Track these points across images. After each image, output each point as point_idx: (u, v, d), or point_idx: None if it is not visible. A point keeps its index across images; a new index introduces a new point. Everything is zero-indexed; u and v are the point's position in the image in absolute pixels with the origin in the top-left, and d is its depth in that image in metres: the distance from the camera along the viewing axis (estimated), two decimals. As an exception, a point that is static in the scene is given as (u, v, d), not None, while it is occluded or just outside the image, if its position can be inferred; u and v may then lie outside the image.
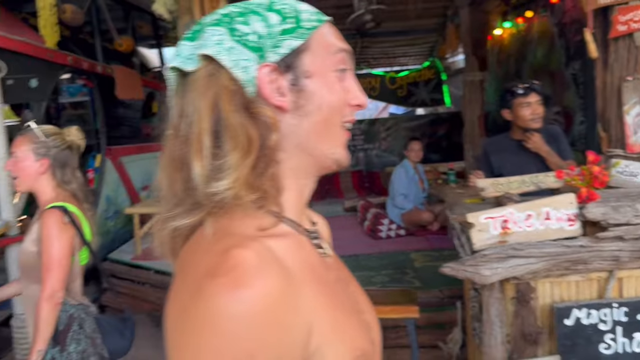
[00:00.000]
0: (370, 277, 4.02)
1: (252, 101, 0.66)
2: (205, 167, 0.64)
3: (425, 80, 9.09)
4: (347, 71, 0.74)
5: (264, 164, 0.65)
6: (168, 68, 0.72)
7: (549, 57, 5.84)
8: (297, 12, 0.70)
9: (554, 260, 2.03)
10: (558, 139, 3.01)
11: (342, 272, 0.80)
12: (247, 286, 0.55)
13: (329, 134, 0.72)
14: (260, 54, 0.67)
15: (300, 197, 0.74)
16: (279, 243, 0.64)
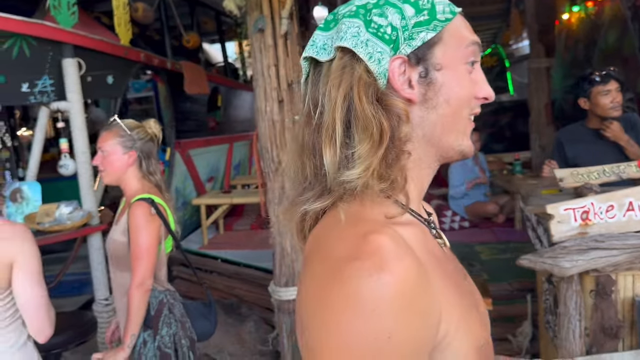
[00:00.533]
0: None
1: (384, 93, 0.67)
2: (337, 155, 0.66)
3: (488, 68, 8.83)
4: (476, 63, 0.74)
5: (394, 155, 0.67)
6: (302, 57, 0.74)
7: (621, 42, 5.56)
8: (432, 3, 0.70)
9: (637, 252, 1.96)
10: (636, 127, 2.89)
11: (457, 263, 0.81)
12: (387, 270, 0.56)
13: (456, 126, 0.72)
14: (394, 46, 0.68)
15: (421, 187, 0.75)
16: (407, 231, 0.66)
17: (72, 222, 3.18)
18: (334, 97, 0.67)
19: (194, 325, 2.10)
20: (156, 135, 2.21)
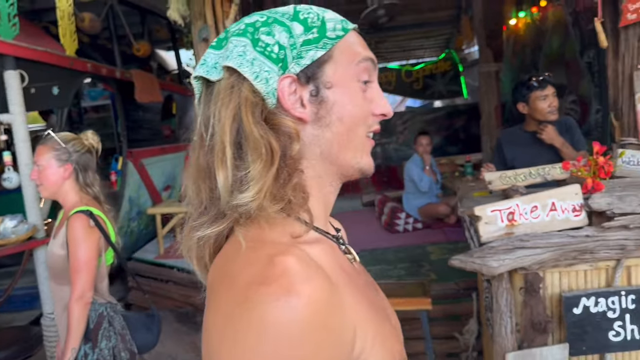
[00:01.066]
0: (387, 271, 4.07)
1: (273, 112, 0.67)
2: (230, 178, 0.65)
3: (442, 72, 9.07)
4: (370, 81, 0.73)
5: (287, 174, 0.65)
6: (193, 77, 0.72)
7: (564, 47, 5.79)
8: (322, 21, 0.69)
9: (560, 250, 2.07)
10: (572, 129, 3.02)
11: (368, 277, 0.80)
12: (295, 293, 0.55)
13: (352, 144, 0.71)
14: (282, 65, 0.67)
15: (325, 204, 0.73)
16: (315, 249, 0.65)
17: (16, 235, 3.12)
18: (222, 118, 0.66)
19: (135, 338, 2.11)
20: (94, 147, 2.20)
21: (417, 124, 8.70)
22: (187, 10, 3.13)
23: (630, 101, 3.28)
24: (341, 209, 7.10)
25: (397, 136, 8.84)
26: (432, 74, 9.10)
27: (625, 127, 3.36)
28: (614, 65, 3.45)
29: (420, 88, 9.20)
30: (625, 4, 3.20)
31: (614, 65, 3.45)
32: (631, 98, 3.27)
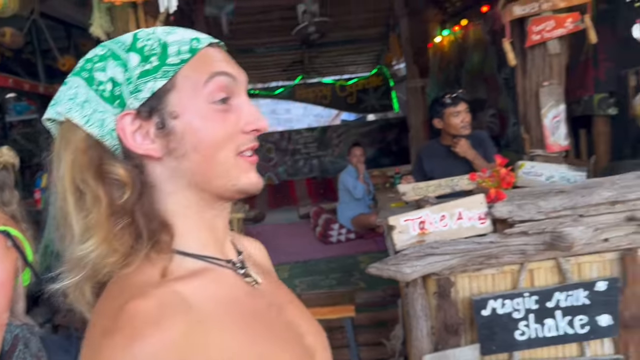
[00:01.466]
0: (319, 282, 4.16)
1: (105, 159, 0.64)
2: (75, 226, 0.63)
3: (374, 87, 9.36)
4: (232, 98, 0.68)
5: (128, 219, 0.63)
6: (44, 118, 0.69)
7: (483, 63, 6.16)
8: (163, 46, 0.64)
9: (467, 256, 2.22)
10: (484, 142, 3.22)
11: (277, 296, 0.76)
12: (140, 339, 0.53)
13: (218, 169, 0.66)
14: (119, 103, 0.63)
15: (213, 229, 0.70)
16: (189, 285, 0.62)
17: None
18: (62, 164, 0.64)
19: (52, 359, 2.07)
20: (10, 163, 2.16)
21: (351, 136, 8.91)
22: (111, 27, 3.12)
23: (538, 115, 3.55)
24: (277, 222, 7.17)
25: (332, 149, 9.02)
26: (364, 88, 9.37)
27: (533, 139, 3.63)
28: (522, 82, 3.72)
29: (354, 102, 9.45)
30: (530, 26, 3.47)
31: (522, 82, 3.72)
32: (538, 113, 3.54)
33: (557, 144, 3.45)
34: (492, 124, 6.05)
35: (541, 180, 2.48)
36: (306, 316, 0.79)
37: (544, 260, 2.32)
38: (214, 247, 0.70)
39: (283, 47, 7.99)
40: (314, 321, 0.79)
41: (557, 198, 2.25)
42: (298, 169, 8.98)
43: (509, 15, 3.54)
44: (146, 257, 0.63)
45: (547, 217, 2.20)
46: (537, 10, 3.40)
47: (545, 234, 2.19)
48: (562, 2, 3.31)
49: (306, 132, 9.25)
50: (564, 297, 2.31)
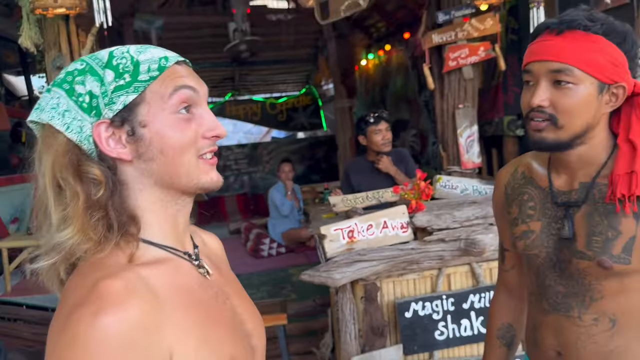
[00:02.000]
0: (251, 295, 4.14)
1: (83, 160, 0.73)
2: (54, 216, 0.72)
3: (304, 106, 9.60)
4: (194, 107, 0.77)
5: (102, 212, 0.72)
6: (28, 120, 0.77)
7: (406, 86, 6.54)
8: (135, 64, 0.74)
9: (392, 262, 2.40)
10: (405, 159, 3.44)
11: (225, 287, 0.85)
12: (108, 313, 0.62)
13: (182, 169, 0.75)
14: (95, 113, 0.73)
15: (174, 223, 0.79)
16: (151, 271, 0.71)
17: None
18: (44, 162, 0.73)
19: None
20: None
21: (282, 153, 9.06)
22: (41, 39, 3.09)
23: (454, 135, 3.87)
24: (207, 238, 7.11)
25: (263, 165, 9.12)
26: (294, 107, 9.59)
27: (450, 157, 3.94)
28: (440, 104, 4.04)
29: (284, 120, 9.64)
30: (447, 53, 3.79)
31: (440, 104, 4.04)
32: (454, 132, 3.86)
33: (470, 161, 3.78)
34: (414, 142, 6.41)
35: (456, 192, 2.72)
36: (249, 306, 0.89)
37: (460, 266, 2.55)
38: (174, 239, 0.79)
39: (214, 64, 8.04)
40: (256, 311, 0.90)
41: (470, 208, 2.49)
42: (229, 184, 8.99)
43: (428, 42, 3.86)
44: (116, 244, 0.72)
45: (461, 225, 2.43)
46: (454, 39, 3.73)
47: (460, 240, 2.41)
48: (475, 32, 3.66)
49: (237, 148, 9.30)
50: (477, 298, 2.54)
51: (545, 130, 1.00)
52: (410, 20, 6.00)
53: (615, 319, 1.03)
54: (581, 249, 1.04)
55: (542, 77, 0.99)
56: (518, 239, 1.15)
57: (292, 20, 6.80)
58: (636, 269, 0.99)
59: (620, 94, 0.99)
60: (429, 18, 3.95)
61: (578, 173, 1.06)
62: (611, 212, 1.00)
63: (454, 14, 3.71)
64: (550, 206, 1.09)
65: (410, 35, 6.09)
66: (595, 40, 0.96)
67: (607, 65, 0.96)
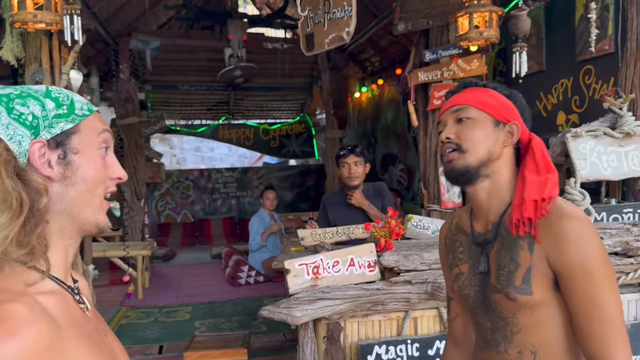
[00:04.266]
0: (220, 324, 4.12)
1: (25, 170, 0.77)
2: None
3: (297, 134, 9.61)
4: (109, 149, 0.87)
5: (33, 223, 0.75)
6: None
7: (396, 121, 6.55)
8: (71, 101, 0.84)
9: (356, 301, 2.32)
10: (382, 193, 3.38)
11: (100, 324, 0.91)
12: (18, 334, 0.65)
13: (92, 202, 0.83)
14: (34, 132, 0.79)
15: (65, 256, 0.84)
16: (47, 299, 0.75)
17: None
18: None
19: None
20: None
21: (272, 179, 9.02)
22: (22, 52, 3.07)
23: (436, 173, 3.84)
24: (189, 261, 7.03)
25: (252, 190, 9.07)
26: (287, 134, 9.59)
27: (431, 195, 3.90)
28: (424, 142, 4.02)
29: (276, 146, 9.63)
30: (433, 92, 3.79)
31: (424, 142, 4.02)
32: (436, 171, 3.83)
33: (451, 200, 3.74)
34: (401, 177, 6.39)
35: (427, 233, 2.67)
36: (119, 344, 0.94)
37: (428, 309, 2.48)
38: (64, 272, 0.84)
39: (209, 87, 8.07)
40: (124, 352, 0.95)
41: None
42: (216, 208, 8.91)
43: (414, 80, 3.86)
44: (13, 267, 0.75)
45: (429, 268, 2.37)
46: (439, 78, 3.73)
47: (427, 283, 2.34)
48: (461, 72, 3.66)
49: (227, 171, 9.26)
50: (444, 345, 2.46)
51: (454, 160, 1.14)
52: (403, 57, 6.05)
53: (535, 350, 1.11)
54: (494, 283, 1.14)
55: (448, 119, 1.18)
56: (453, 281, 1.26)
57: (288, 49, 6.85)
58: (541, 300, 1.07)
59: (515, 130, 1.15)
60: (417, 56, 3.97)
61: (489, 214, 1.18)
62: (513, 246, 1.11)
63: (440, 53, 3.72)
64: (474, 248, 1.21)
65: (402, 71, 6.13)
66: (487, 90, 1.18)
67: (498, 106, 1.15)
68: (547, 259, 1.06)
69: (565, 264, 1.03)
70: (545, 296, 1.07)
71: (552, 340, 1.09)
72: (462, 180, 1.16)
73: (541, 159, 1.12)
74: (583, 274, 1.02)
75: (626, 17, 2.89)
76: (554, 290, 1.07)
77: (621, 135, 2.73)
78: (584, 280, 1.02)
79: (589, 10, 3.15)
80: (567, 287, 1.04)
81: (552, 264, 1.05)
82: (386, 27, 5.48)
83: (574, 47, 3.46)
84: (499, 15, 3.21)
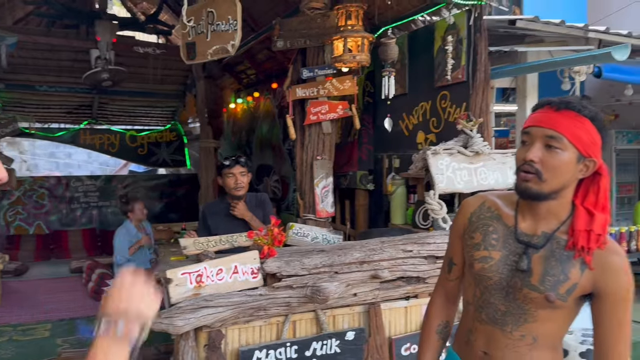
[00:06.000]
0: (86, 341, 3.89)
1: None
2: None
3: (167, 142, 9.33)
4: None
5: None
6: None
7: (271, 133, 6.70)
8: None
9: (239, 308, 2.38)
10: (264, 204, 3.47)
11: None
12: None
13: None
14: None
15: None
16: None
17: None
18: None
19: None
20: None
21: (139, 189, 8.65)
22: None
23: (311, 184, 4.03)
24: (44, 275, 6.46)
25: (116, 200, 8.60)
26: (157, 142, 9.25)
27: (307, 205, 4.08)
28: (300, 154, 4.20)
29: (144, 154, 9.23)
30: (309, 107, 3.99)
31: (300, 154, 4.20)
32: (312, 182, 4.02)
33: (325, 210, 3.95)
34: (276, 188, 6.54)
35: (307, 240, 2.82)
36: None
37: (306, 312, 2.61)
38: None
39: (71, 89, 7.54)
40: None
41: (318, 257, 2.59)
42: (74, 218, 8.30)
43: (292, 95, 4.04)
44: None
45: (309, 272, 2.51)
46: (316, 95, 3.95)
47: (306, 287, 2.49)
48: (335, 91, 3.91)
49: (89, 179, 8.68)
50: (319, 346, 2.61)
51: (531, 182, 1.23)
52: (279, 72, 6.24)
53: (536, 337, 1.30)
54: (534, 283, 1.28)
55: (537, 139, 1.24)
56: (477, 261, 1.37)
57: (161, 54, 6.69)
58: (568, 306, 1.27)
59: (591, 166, 1.25)
60: (295, 72, 4.15)
61: (541, 222, 1.30)
62: (565, 260, 1.26)
63: (317, 72, 3.94)
64: (512, 242, 1.33)
65: (278, 86, 6.31)
66: (583, 121, 1.21)
67: (588, 142, 1.21)
68: (593, 282, 1.24)
69: (609, 293, 1.23)
70: (572, 305, 1.27)
71: (554, 333, 1.31)
72: (530, 198, 1.28)
73: (603, 198, 1.26)
74: (622, 301, 1.23)
75: (477, 51, 3.34)
76: (579, 299, 1.27)
77: (472, 153, 3.13)
78: (620, 306, 1.24)
79: (446, 43, 3.58)
80: (604, 310, 1.25)
81: (596, 287, 1.24)
82: (264, 42, 5.62)
83: (432, 74, 3.88)
84: (370, 41, 3.50)
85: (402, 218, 3.94)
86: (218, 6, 3.00)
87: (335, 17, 3.57)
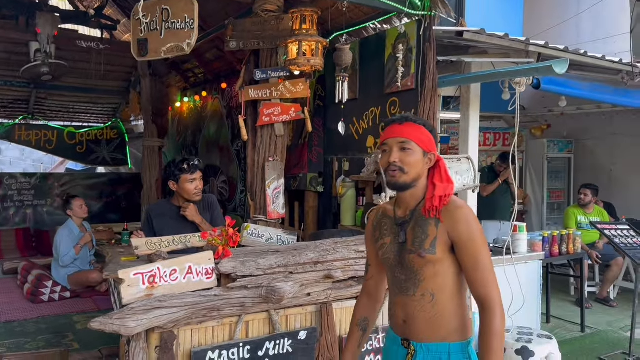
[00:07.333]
0: (25, 344, 3.72)
1: None
2: None
3: (108, 140, 9.02)
4: None
5: None
6: None
7: (219, 133, 6.64)
8: None
9: (193, 309, 2.37)
10: (213, 206, 3.42)
11: None
12: None
13: None
14: None
15: None
16: None
17: None
18: None
19: None
20: None
21: (77, 188, 8.30)
22: None
23: (262, 186, 4.04)
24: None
25: (52, 199, 8.23)
26: (97, 139, 8.91)
27: (258, 206, 4.09)
28: (252, 156, 4.20)
29: (83, 151, 8.88)
30: (262, 109, 4.00)
31: (252, 156, 4.20)
32: (263, 183, 4.03)
33: (276, 211, 3.97)
34: (223, 189, 6.48)
35: (262, 241, 2.84)
36: None
37: (260, 312, 2.63)
38: None
39: (7, 82, 7.14)
40: None
41: (273, 257, 2.62)
42: (7, 217, 7.87)
43: (245, 96, 4.04)
44: None
45: (264, 273, 2.54)
46: (269, 97, 3.97)
47: (261, 288, 2.50)
48: (288, 93, 3.95)
49: (23, 177, 8.25)
50: (272, 345, 2.64)
51: (397, 177, 1.65)
52: (228, 72, 6.20)
53: (434, 293, 1.63)
54: (409, 247, 1.66)
55: (394, 146, 1.66)
56: (379, 249, 1.77)
57: (105, 50, 6.48)
58: (440, 258, 1.61)
59: (433, 158, 1.70)
60: (247, 73, 4.15)
61: (408, 205, 1.71)
62: (424, 223, 1.65)
63: (270, 74, 3.96)
64: (394, 227, 1.74)
65: (227, 86, 6.26)
66: (421, 128, 1.68)
67: (426, 141, 1.68)
68: (447, 232, 1.61)
69: (459, 235, 1.60)
70: (444, 256, 1.62)
71: (446, 287, 1.63)
72: (399, 189, 1.69)
73: (444, 174, 1.69)
74: (471, 241, 1.59)
75: (426, 60, 3.47)
76: (450, 253, 1.62)
77: (420, 158, 3.25)
78: (471, 245, 1.59)
79: (397, 51, 3.70)
80: (460, 250, 1.60)
81: (450, 236, 1.61)
82: (213, 41, 5.58)
83: (383, 81, 3.99)
84: (323, 45, 3.57)
85: (352, 219, 4.02)
86: (174, 4, 2.96)
87: (290, 20, 3.61)
